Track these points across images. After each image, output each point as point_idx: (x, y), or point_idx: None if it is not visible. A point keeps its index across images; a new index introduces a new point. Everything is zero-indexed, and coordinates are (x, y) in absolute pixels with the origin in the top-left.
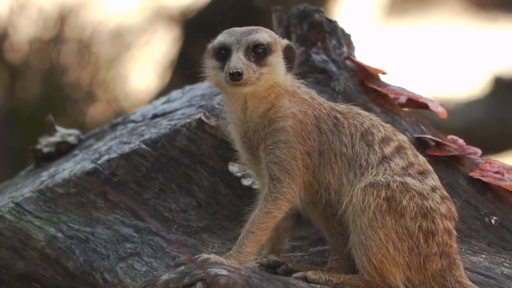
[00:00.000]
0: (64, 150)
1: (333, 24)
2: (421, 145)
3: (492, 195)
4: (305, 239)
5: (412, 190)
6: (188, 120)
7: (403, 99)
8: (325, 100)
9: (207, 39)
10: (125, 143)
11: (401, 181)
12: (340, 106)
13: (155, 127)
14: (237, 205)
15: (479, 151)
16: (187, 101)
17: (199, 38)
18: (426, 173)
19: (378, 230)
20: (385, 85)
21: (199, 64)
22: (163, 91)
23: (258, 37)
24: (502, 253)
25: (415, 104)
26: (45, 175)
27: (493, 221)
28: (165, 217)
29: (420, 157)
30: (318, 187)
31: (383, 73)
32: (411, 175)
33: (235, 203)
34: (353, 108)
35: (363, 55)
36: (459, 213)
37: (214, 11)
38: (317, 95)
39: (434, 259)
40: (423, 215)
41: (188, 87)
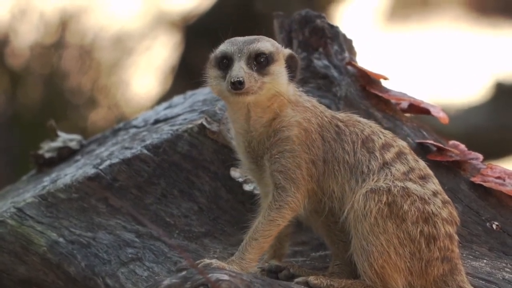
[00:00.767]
0: (65, 155)
1: (334, 29)
2: (422, 150)
3: (493, 200)
4: (307, 244)
5: (413, 194)
6: (190, 125)
7: (404, 105)
8: (326, 108)
9: (208, 45)
10: (126, 148)
11: (402, 186)
12: (340, 114)
13: (156, 132)
14: (238, 210)
15: (481, 157)
16: (189, 107)
17: (201, 43)
18: (427, 177)
19: (379, 235)
20: (387, 91)
21: (200, 69)
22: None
23: (260, 46)
24: (503, 258)
25: (417, 109)
26: (46, 180)
27: (494, 226)
28: (166, 222)
29: (420, 162)
30: (322, 196)
31: (385, 79)
32: (412, 180)
33: (236, 208)
34: (353, 116)
35: (365, 60)
36: (461, 218)
37: (215, 17)
38: (318, 103)
39: (435, 264)
40: (425, 220)
41: (190, 93)
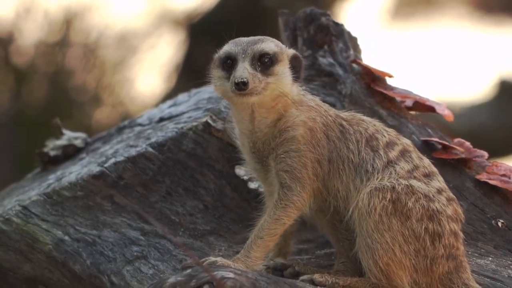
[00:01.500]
0: (70, 153)
1: (339, 27)
2: (428, 148)
3: (498, 198)
4: (312, 242)
5: (417, 192)
6: (194, 123)
7: (409, 102)
8: (330, 107)
9: (212, 43)
10: (131, 146)
11: (407, 184)
12: (343, 113)
13: (161, 130)
14: (243, 208)
15: (486, 154)
16: (194, 104)
17: (205, 41)
18: (431, 175)
19: (384, 232)
20: (392, 88)
21: (204, 68)
22: (169, 95)
23: (264, 47)
24: (508, 256)
25: (422, 107)
26: (52, 178)
27: (499, 224)
28: (171, 220)
29: (425, 160)
30: (327, 195)
31: (390, 76)
32: (417, 178)
33: (241, 206)
34: (356, 114)
35: (370, 58)
36: (466, 216)
37: (219, 15)
38: (322, 102)
39: (441, 261)
40: (429, 217)
41: (194, 90)
